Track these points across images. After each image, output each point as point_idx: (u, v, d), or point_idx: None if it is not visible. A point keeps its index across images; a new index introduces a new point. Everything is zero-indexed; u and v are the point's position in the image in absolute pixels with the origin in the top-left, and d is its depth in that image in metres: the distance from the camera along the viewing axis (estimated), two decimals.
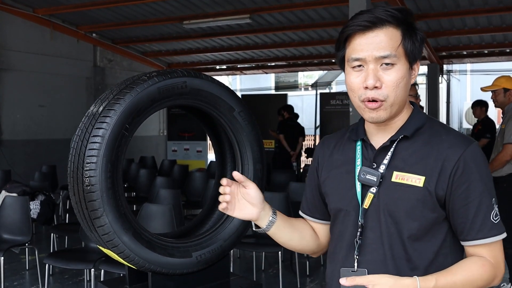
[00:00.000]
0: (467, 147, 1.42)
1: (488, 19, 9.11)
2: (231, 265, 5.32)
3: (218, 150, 2.91)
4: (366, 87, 1.41)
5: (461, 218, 1.42)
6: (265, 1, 8.49)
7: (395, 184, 1.44)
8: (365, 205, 1.47)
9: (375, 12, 1.42)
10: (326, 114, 12.06)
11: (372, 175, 1.46)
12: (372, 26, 1.41)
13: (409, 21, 1.44)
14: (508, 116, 4.58)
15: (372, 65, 1.41)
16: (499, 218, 1.44)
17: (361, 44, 1.42)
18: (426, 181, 1.41)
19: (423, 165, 1.43)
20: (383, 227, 1.45)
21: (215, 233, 2.60)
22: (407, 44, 1.42)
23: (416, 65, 1.49)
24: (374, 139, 1.53)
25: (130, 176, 8.79)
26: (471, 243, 1.43)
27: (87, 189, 2.15)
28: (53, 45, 9.99)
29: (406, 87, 1.45)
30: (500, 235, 1.44)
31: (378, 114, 1.43)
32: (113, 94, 2.24)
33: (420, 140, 1.47)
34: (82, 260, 4.10)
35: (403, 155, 1.46)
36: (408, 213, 1.43)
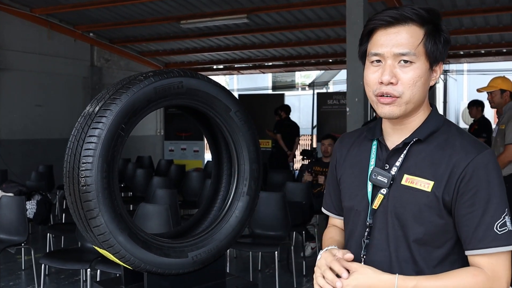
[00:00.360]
0: (478, 153, 1.39)
1: (485, 19, 9.13)
2: (228, 265, 5.32)
3: (215, 150, 2.91)
4: (381, 82, 1.41)
5: (465, 226, 1.40)
6: (262, 1, 8.49)
7: (405, 187, 1.44)
8: (375, 205, 1.47)
9: (400, 9, 1.41)
10: (323, 114, 12.06)
11: (383, 176, 1.46)
12: (395, 22, 1.40)
13: (435, 21, 1.43)
14: (507, 116, 4.57)
15: (390, 61, 1.40)
16: (506, 230, 1.37)
17: (381, 40, 1.42)
18: (434, 186, 1.40)
19: (434, 170, 1.41)
20: (390, 229, 1.45)
21: (211, 233, 2.60)
22: (428, 44, 1.41)
23: (439, 67, 1.46)
24: (389, 140, 1.52)
25: (127, 175, 8.78)
26: (471, 253, 1.40)
27: (83, 189, 2.14)
28: (50, 44, 9.98)
29: (423, 87, 1.43)
30: (503, 247, 1.37)
31: (391, 110, 1.42)
32: (109, 94, 2.24)
33: (433, 144, 1.45)
34: (78, 260, 4.09)
35: (415, 159, 1.45)
36: (415, 217, 1.42)
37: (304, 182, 6.17)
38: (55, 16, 9.89)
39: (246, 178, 2.67)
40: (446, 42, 1.44)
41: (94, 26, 10.40)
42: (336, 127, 10.88)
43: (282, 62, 13.20)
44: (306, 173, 6.45)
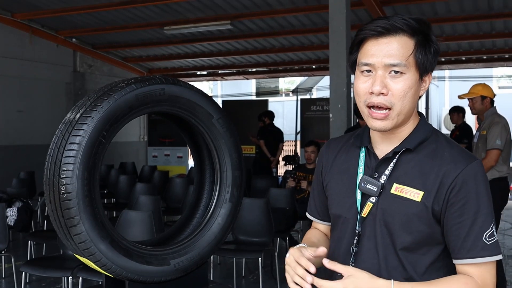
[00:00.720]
0: (467, 164, 1.41)
1: (465, 27, 9.26)
2: (211, 272, 5.30)
3: (197, 157, 2.90)
4: (372, 93, 1.41)
5: (454, 236, 1.41)
6: (245, 7, 8.51)
7: (394, 196, 1.44)
8: (364, 213, 1.47)
9: (391, 19, 1.41)
10: (306, 120, 12.10)
11: (372, 185, 1.46)
12: (386, 33, 1.41)
13: (425, 32, 1.43)
14: (488, 122, 4.64)
15: (380, 71, 1.40)
16: (494, 240, 1.40)
17: (372, 50, 1.42)
18: (424, 196, 1.41)
19: (424, 180, 1.42)
20: (378, 237, 1.46)
21: (193, 240, 2.59)
22: (419, 55, 1.41)
23: (428, 77, 1.47)
24: (378, 148, 1.52)
25: (110, 182, 8.71)
26: (460, 262, 1.41)
27: (63, 197, 2.12)
28: (32, 50, 9.89)
29: (414, 97, 1.43)
30: (491, 256, 1.39)
31: (383, 124, 1.43)
32: (90, 101, 2.23)
33: (422, 153, 1.46)
34: (59, 268, 4.05)
35: (405, 168, 1.45)
36: (403, 226, 1.43)
37: (288, 188, 6.18)
38: (37, 21, 9.81)
39: (228, 185, 2.67)
40: (435, 53, 1.45)
41: (76, 32, 10.33)
42: (319, 133, 10.92)
43: (266, 68, 13.23)
44: (289, 179, 6.46)
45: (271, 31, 9.82)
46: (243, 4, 8.35)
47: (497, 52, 10.94)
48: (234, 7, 8.51)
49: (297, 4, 8.22)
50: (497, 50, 10.82)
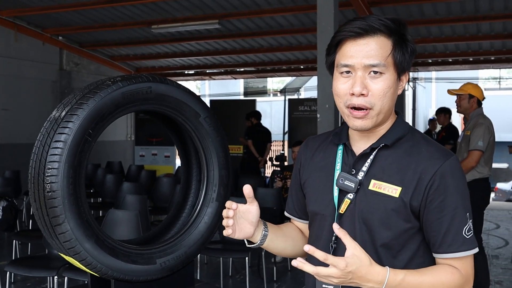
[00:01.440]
0: (445, 160, 1.43)
1: (452, 28, 9.33)
2: (198, 271, 5.29)
3: (184, 156, 2.89)
4: (353, 94, 1.42)
5: (434, 232, 1.43)
6: (234, 7, 8.50)
7: (372, 192, 1.45)
8: (341, 210, 1.48)
9: (368, 20, 1.43)
10: (294, 120, 12.12)
11: (350, 181, 1.47)
12: (364, 34, 1.42)
13: (401, 32, 1.45)
14: (473, 123, 4.65)
15: (360, 72, 1.42)
16: (472, 233, 1.44)
17: (351, 51, 1.42)
18: (402, 192, 1.42)
19: (401, 176, 1.43)
20: (357, 234, 1.46)
21: (180, 239, 2.58)
22: (397, 54, 1.43)
23: (404, 76, 1.49)
24: (356, 145, 1.53)
25: (97, 181, 8.66)
26: (442, 256, 1.44)
27: (48, 195, 2.10)
28: (17, 47, 9.80)
29: (392, 96, 1.45)
30: (471, 250, 1.44)
31: (364, 123, 1.44)
32: (76, 98, 2.21)
33: (400, 150, 1.47)
34: (45, 268, 4.02)
35: (382, 164, 1.47)
36: (382, 222, 1.44)
37: (276, 188, 6.18)
38: (23, 19, 9.72)
39: (215, 184, 2.67)
40: (412, 52, 1.47)
41: (63, 30, 10.25)
42: (307, 133, 10.93)
43: (254, 68, 13.23)
44: (277, 179, 6.47)
45: (259, 31, 9.82)
46: (231, 3, 8.34)
47: (483, 54, 11.04)
48: (222, 6, 8.50)
49: (285, 4, 8.23)
50: (483, 52, 10.92)
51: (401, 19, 1.48)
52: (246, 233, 1.52)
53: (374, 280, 1.35)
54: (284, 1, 8.10)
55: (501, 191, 16.34)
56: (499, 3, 7.86)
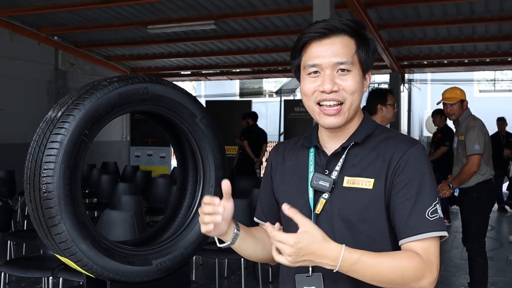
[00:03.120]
0: (410, 147, 1.45)
1: (447, 30, 9.35)
2: (193, 272, 5.28)
3: (180, 157, 2.89)
4: (323, 91, 1.44)
5: (398, 216, 1.43)
6: (229, 7, 8.50)
7: (347, 189, 1.47)
8: (317, 210, 1.49)
9: (330, 21, 1.47)
10: (290, 121, 12.13)
11: (324, 181, 1.48)
12: (329, 34, 1.45)
13: (361, 32, 1.49)
14: (465, 126, 4.56)
15: (328, 71, 1.45)
16: (437, 216, 1.41)
17: (317, 51, 1.46)
18: (375, 183, 1.44)
19: (372, 168, 1.46)
20: (336, 232, 1.46)
21: (175, 240, 2.58)
22: (361, 53, 1.47)
23: (368, 75, 1.53)
24: (326, 146, 1.55)
25: (92, 181, 8.63)
26: (405, 241, 1.42)
27: (44, 196, 2.10)
28: (12, 47, 9.75)
29: (360, 94, 1.49)
30: (434, 232, 1.40)
31: (336, 120, 1.47)
32: (72, 99, 2.20)
33: (369, 146, 1.50)
34: (40, 268, 3.99)
35: (354, 161, 1.49)
36: (360, 216, 1.45)
37: None
38: (18, 18, 9.68)
39: (211, 185, 2.66)
40: (374, 51, 1.52)
41: (58, 29, 10.21)
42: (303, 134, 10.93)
43: (250, 69, 13.23)
44: None
45: (255, 32, 9.82)
46: (227, 4, 8.34)
47: (478, 56, 11.08)
48: (218, 7, 8.50)
49: (281, 5, 8.23)
50: (478, 54, 10.96)
51: (360, 20, 1.54)
52: (221, 230, 1.46)
53: (328, 256, 1.31)
54: (280, 2, 8.10)
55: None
56: (494, 5, 7.89)
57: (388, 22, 8.85)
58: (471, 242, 4.57)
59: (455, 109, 4.63)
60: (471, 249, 4.59)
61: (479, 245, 4.55)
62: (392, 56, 10.58)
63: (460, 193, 4.73)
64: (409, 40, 10.03)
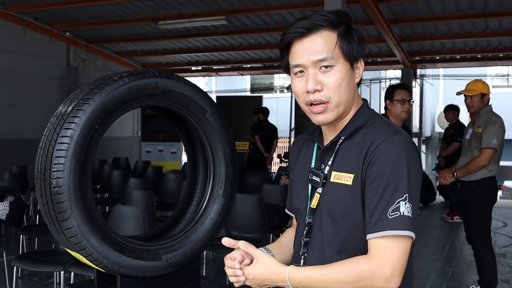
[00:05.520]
0: (386, 138, 1.42)
1: (460, 25, 9.27)
2: (204, 268, 5.29)
3: (190, 152, 2.88)
4: (308, 92, 1.46)
5: (366, 212, 1.41)
6: (240, 3, 8.49)
7: (333, 184, 1.49)
8: (313, 204, 1.53)
9: (311, 18, 1.47)
10: (301, 117, 12.06)
11: (317, 176, 1.52)
12: (307, 32, 1.46)
13: (345, 22, 1.48)
14: (485, 119, 4.49)
15: (311, 69, 1.46)
16: (397, 214, 1.36)
17: (298, 51, 1.47)
18: (355, 178, 1.45)
19: (354, 163, 1.46)
20: (324, 227, 1.50)
21: (186, 235, 2.57)
22: (343, 45, 1.46)
23: (360, 63, 1.51)
24: (326, 140, 1.59)
25: (103, 177, 8.68)
26: (367, 237, 1.40)
27: (54, 191, 2.10)
28: (25, 43, 9.82)
29: (348, 86, 1.48)
30: (390, 231, 1.35)
31: (324, 117, 1.48)
32: (82, 94, 2.20)
33: (356, 139, 1.50)
34: (51, 263, 4.02)
35: (341, 155, 1.51)
36: (342, 211, 1.46)
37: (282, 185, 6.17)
38: (30, 15, 9.74)
39: (222, 181, 2.65)
40: (360, 39, 1.50)
41: (70, 25, 10.26)
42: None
43: (261, 65, 13.21)
44: (283, 176, 6.46)
45: (266, 27, 9.79)
46: None
47: (491, 51, 10.96)
48: (229, 2, 8.49)
49: (292, 0, 8.20)
50: (491, 49, 10.84)
51: (344, 10, 1.52)
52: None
53: (278, 279, 1.44)
54: None
55: (509, 189, 16.27)
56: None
57: (400, 17, 8.78)
58: (477, 239, 4.52)
59: (474, 101, 4.55)
60: (477, 245, 4.53)
61: (485, 241, 4.49)
62: (404, 51, 10.51)
63: (461, 189, 4.63)
64: (421, 35, 9.95)
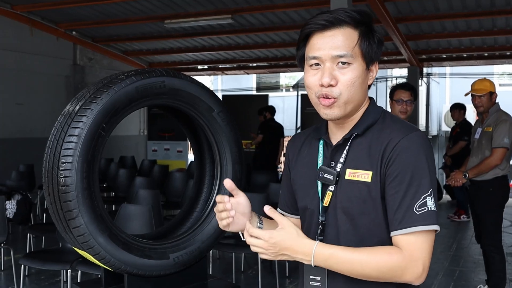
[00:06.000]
0: (404, 136, 1.43)
1: (467, 23, 9.22)
2: (210, 266, 5.29)
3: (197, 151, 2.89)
4: (322, 85, 1.45)
5: (389, 209, 1.42)
6: (246, 2, 8.48)
7: (349, 182, 1.48)
8: (325, 203, 1.51)
9: (334, 13, 1.46)
10: (307, 115, 12.08)
11: (329, 174, 1.50)
12: (330, 26, 1.45)
13: (367, 23, 1.48)
14: (494, 118, 4.44)
15: (328, 63, 1.45)
16: (425, 210, 1.38)
17: (318, 43, 1.46)
18: (373, 175, 1.44)
19: (370, 160, 1.46)
20: (339, 224, 1.49)
21: (193, 234, 2.58)
22: (363, 45, 1.46)
23: (374, 66, 1.52)
24: (334, 138, 1.57)
25: (109, 176, 8.70)
26: (392, 234, 1.41)
27: (62, 190, 2.11)
28: (31, 42, 9.85)
29: (361, 86, 1.48)
30: (419, 226, 1.37)
31: (332, 111, 1.47)
32: (90, 93, 2.21)
33: (370, 136, 1.49)
34: (58, 261, 4.04)
35: (355, 153, 1.50)
36: (360, 209, 1.45)
37: None
38: (37, 14, 9.77)
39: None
40: (379, 42, 1.50)
41: (76, 24, 10.29)
42: None
43: (267, 63, 13.19)
44: None
45: (272, 26, 9.78)
46: None
47: (498, 49, 10.90)
48: (235, 1, 8.48)
49: None
50: (498, 47, 10.78)
51: (367, 11, 1.53)
52: (241, 225, 1.54)
53: (301, 251, 1.40)
54: None
55: None
56: None
57: (407, 15, 8.75)
58: (487, 238, 4.49)
59: (483, 101, 4.49)
60: (487, 245, 4.51)
61: (495, 241, 4.47)
62: (410, 49, 10.47)
63: (472, 188, 4.61)
64: (427, 34, 9.91)
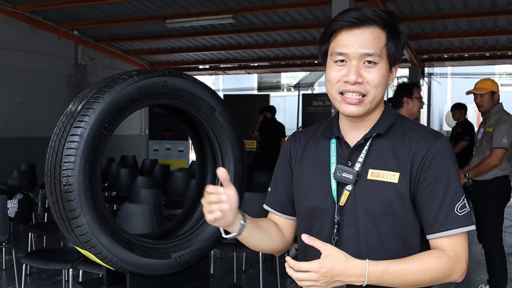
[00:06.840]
0: (435, 141, 1.45)
1: (468, 23, 9.22)
2: (211, 266, 5.30)
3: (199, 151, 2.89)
4: (347, 82, 1.43)
5: (427, 212, 1.43)
6: (248, 1, 8.48)
7: (371, 182, 1.46)
8: (341, 202, 1.49)
9: (363, 10, 1.44)
10: (308, 115, 12.08)
11: (348, 173, 1.47)
12: (360, 24, 1.43)
13: (394, 24, 1.47)
14: (495, 119, 4.45)
15: (355, 61, 1.43)
16: (466, 211, 1.43)
17: (346, 40, 1.44)
18: (400, 176, 1.44)
19: (397, 161, 1.45)
20: (360, 224, 1.47)
21: (194, 234, 2.59)
22: (390, 46, 1.46)
23: (395, 68, 1.51)
24: (348, 137, 1.54)
25: (111, 175, 8.71)
26: (434, 236, 1.43)
27: (64, 189, 2.11)
28: (33, 42, 9.86)
29: (385, 87, 1.48)
30: (463, 227, 1.42)
31: (357, 109, 1.45)
32: (92, 92, 2.21)
33: (392, 137, 1.49)
34: (60, 260, 4.04)
35: (378, 153, 1.48)
36: (385, 209, 1.45)
37: None
38: (39, 13, 9.77)
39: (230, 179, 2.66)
40: (404, 45, 1.50)
41: (78, 24, 10.29)
42: None
43: (268, 63, 13.20)
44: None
45: (273, 26, 9.78)
46: None
47: (500, 49, 10.90)
48: (237, 1, 8.48)
49: None
50: (500, 47, 10.78)
51: (394, 12, 1.51)
52: (227, 221, 1.46)
53: (354, 274, 1.35)
54: None
55: None
56: None
57: (408, 15, 8.75)
58: (488, 238, 4.51)
59: (485, 100, 4.50)
60: (488, 245, 4.52)
61: (496, 241, 4.49)
62: (412, 49, 10.47)
63: (473, 188, 4.63)
64: (429, 33, 9.91)
